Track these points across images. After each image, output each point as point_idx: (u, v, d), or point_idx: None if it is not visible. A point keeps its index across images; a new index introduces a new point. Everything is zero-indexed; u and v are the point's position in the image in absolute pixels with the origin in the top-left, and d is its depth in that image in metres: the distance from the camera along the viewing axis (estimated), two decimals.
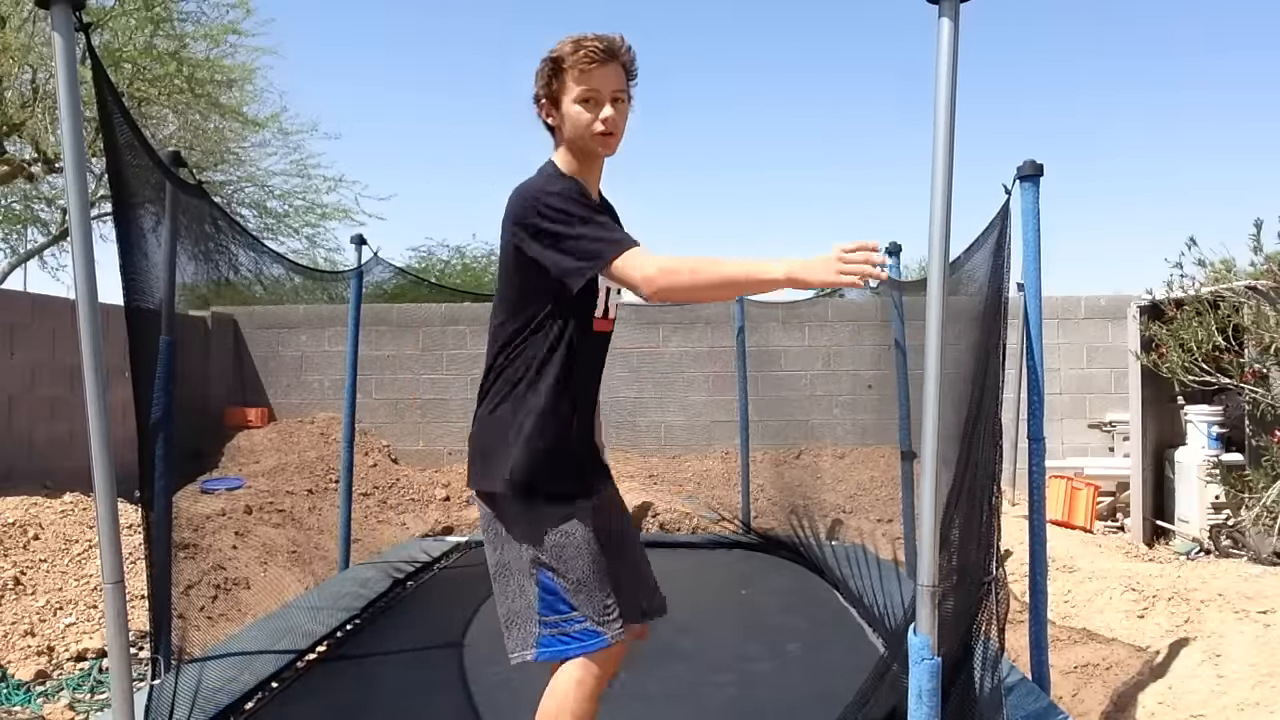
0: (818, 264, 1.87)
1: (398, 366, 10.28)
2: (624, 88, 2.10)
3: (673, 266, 1.94)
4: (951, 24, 1.88)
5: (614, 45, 2.07)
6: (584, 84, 2.06)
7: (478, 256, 16.40)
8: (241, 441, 9.65)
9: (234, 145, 11.45)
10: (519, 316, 2.11)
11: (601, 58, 2.05)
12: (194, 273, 3.63)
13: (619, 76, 2.09)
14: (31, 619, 4.66)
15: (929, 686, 1.94)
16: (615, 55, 2.07)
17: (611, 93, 2.08)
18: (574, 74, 2.06)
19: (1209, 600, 4.59)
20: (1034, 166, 3.34)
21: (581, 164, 2.16)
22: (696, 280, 1.94)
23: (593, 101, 2.07)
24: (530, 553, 2.08)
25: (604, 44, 2.05)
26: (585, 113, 2.08)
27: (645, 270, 1.95)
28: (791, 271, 1.89)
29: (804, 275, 1.88)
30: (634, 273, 1.96)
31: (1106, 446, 8.76)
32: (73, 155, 2.19)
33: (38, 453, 7.61)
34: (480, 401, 2.18)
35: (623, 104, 2.11)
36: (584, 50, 2.04)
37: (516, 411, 2.10)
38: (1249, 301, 5.63)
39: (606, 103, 2.07)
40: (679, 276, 1.94)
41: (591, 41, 2.05)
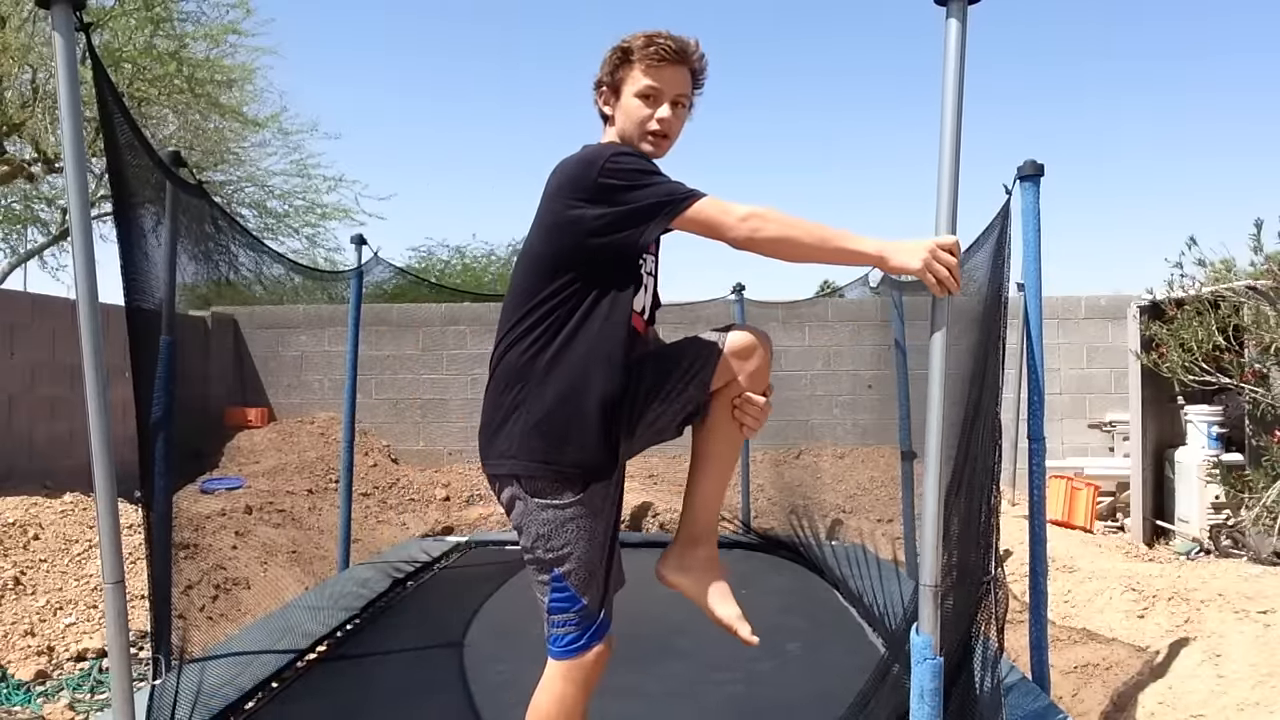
0: (909, 249, 1.82)
1: (398, 366, 10.29)
2: (687, 92, 2.05)
3: (762, 212, 1.87)
4: (959, 25, 1.88)
5: (686, 48, 2.02)
6: (649, 78, 2.01)
7: (478, 256, 16.42)
8: (241, 441, 9.65)
9: (234, 145, 11.46)
10: (549, 284, 1.98)
11: (672, 57, 2.00)
12: (194, 273, 3.63)
13: (685, 80, 2.04)
14: (31, 619, 4.66)
15: (931, 686, 1.93)
16: (686, 58, 2.03)
17: (674, 94, 2.03)
18: (641, 66, 2.02)
19: (1209, 600, 4.59)
20: (1034, 166, 3.34)
21: None
22: (787, 232, 1.86)
23: (653, 98, 2.02)
24: (539, 540, 1.99)
25: (676, 44, 2.01)
26: (644, 108, 2.02)
27: (735, 212, 1.87)
28: (883, 251, 1.85)
29: (894, 257, 1.84)
30: (722, 215, 1.88)
31: (1106, 446, 8.76)
32: (73, 155, 2.19)
33: (38, 453, 7.61)
34: (491, 376, 2.06)
35: (682, 109, 2.06)
36: (655, 45, 2.00)
37: (531, 386, 1.98)
38: (1249, 301, 5.63)
39: (666, 102, 2.02)
40: (769, 223, 1.86)
41: (665, 39, 2.01)
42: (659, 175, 1.97)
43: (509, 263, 16.33)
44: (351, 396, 5.89)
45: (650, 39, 2.00)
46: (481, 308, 10.63)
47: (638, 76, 2.02)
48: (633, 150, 2.02)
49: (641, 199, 1.90)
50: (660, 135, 2.02)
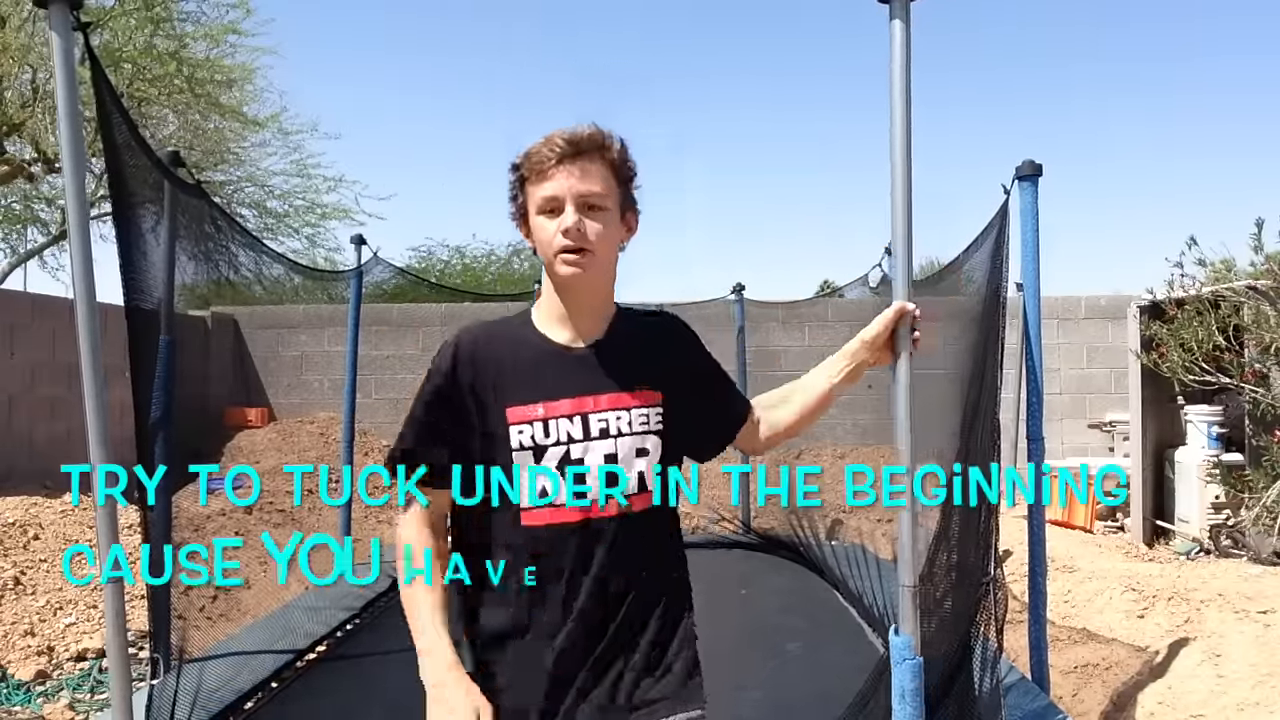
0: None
1: (398, 366, 10.28)
2: (601, 189, 1.59)
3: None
4: (904, 25, 1.85)
5: (579, 138, 1.58)
6: (541, 189, 1.59)
7: (478, 256, 16.42)
8: (241, 441, 9.65)
9: (234, 145, 11.46)
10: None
11: (561, 153, 1.57)
12: (194, 273, 3.64)
13: (594, 176, 1.59)
14: (31, 619, 4.66)
15: (912, 686, 1.93)
16: (583, 149, 1.58)
17: (577, 196, 1.57)
18: (532, 180, 1.61)
19: (1209, 600, 4.59)
20: (1033, 166, 3.34)
21: (562, 296, 1.65)
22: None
23: (554, 210, 1.58)
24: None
25: (566, 138, 1.58)
26: (546, 225, 1.59)
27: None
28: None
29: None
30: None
31: (1106, 446, 8.76)
32: (72, 155, 2.19)
33: (38, 453, 7.61)
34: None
35: (602, 211, 1.59)
36: (537, 150, 1.60)
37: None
38: (1249, 301, 5.63)
39: (570, 206, 1.57)
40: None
41: (549, 137, 1.60)
42: (409, 422, 1.71)
43: (508, 263, 16.34)
44: (351, 396, 5.89)
45: (530, 149, 1.62)
46: (481, 308, 10.63)
47: (532, 193, 1.61)
48: (430, 370, 1.71)
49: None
50: (574, 250, 1.57)
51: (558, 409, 1.61)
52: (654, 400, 1.66)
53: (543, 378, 1.63)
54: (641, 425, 1.64)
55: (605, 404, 1.63)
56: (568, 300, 1.65)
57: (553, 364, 1.65)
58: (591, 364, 1.65)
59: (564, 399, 1.62)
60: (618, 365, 1.66)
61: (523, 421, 1.61)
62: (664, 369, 1.70)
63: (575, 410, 1.62)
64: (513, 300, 10.67)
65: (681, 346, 1.76)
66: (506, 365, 1.65)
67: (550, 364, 1.65)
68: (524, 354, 1.66)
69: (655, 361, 1.70)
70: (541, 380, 1.63)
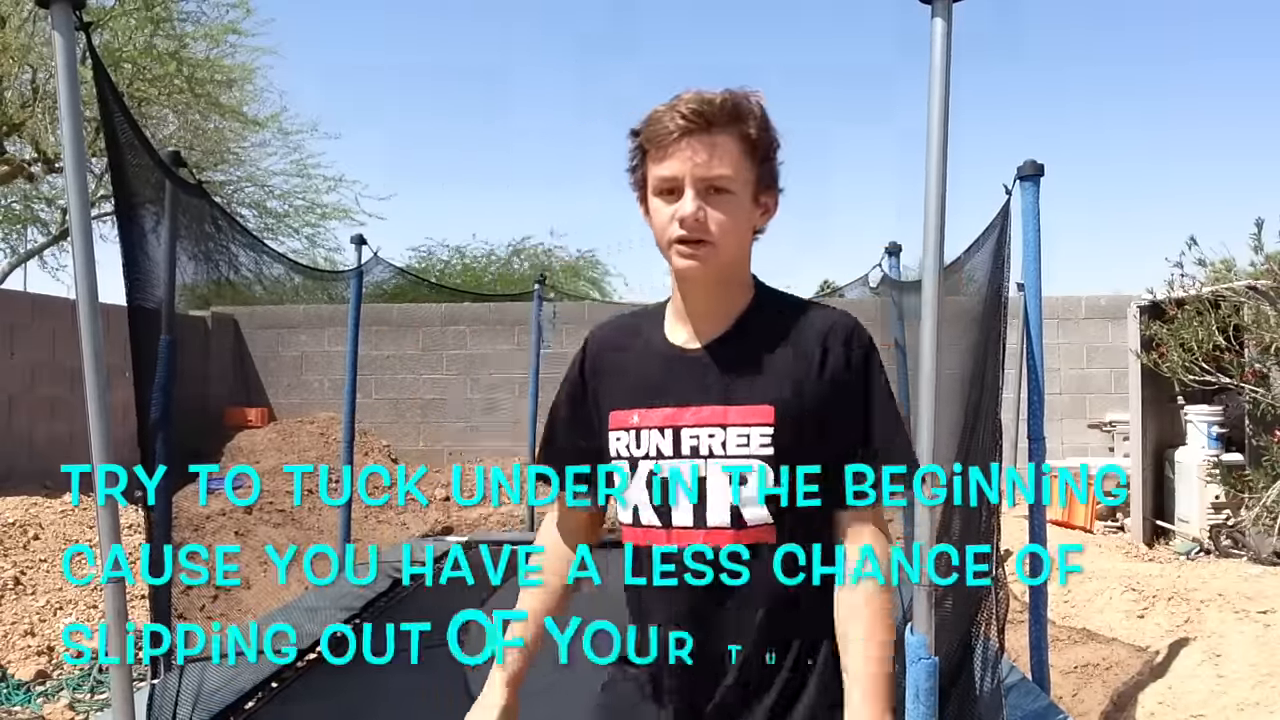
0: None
1: (398, 366, 10.29)
2: (730, 171, 1.33)
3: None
4: (945, 24, 1.87)
5: (708, 107, 1.33)
6: (659, 167, 1.35)
7: (478, 256, 16.41)
8: (241, 441, 9.66)
9: (234, 145, 11.47)
10: None
11: (684, 125, 1.32)
12: (194, 273, 3.64)
13: (721, 155, 1.33)
14: (31, 619, 4.66)
15: (926, 686, 1.93)
16: (710, 122, 1.33)
17: (699, 179, 1.33)
18: (652, 152, 1.36)
19: (1209, 600, 4.60)
20: (1034, 167, 3.35)
21: (681, 289, 1.44)
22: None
23: (674, 193, 1.35)
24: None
25: (693, 105, 1.32)
26: (664, 208, 1.36)
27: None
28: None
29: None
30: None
31: (1106, 446, 8.76)
32: (73, 155, 2.19)
33: (38, 453, 7.61)
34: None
35: (730, 196, 1.35)
36: (656, 118, 1.35)
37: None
38: (1249, 301, 5.63)
39: (690, 191, 1.33)
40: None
41: (672, 103, 1.35)
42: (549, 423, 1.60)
43: (508, 263, 16.33)
44: (351, 396, 5.90)
45: (653, 112, 1.37)
46: (481, 308, 10.64)
47: (651, 169, 1.37)
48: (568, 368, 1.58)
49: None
50: (692, 242, 1.34)
51: (650, 419, 1.41)
52: (761, 418, 1.36)
53: (646, 382, 1.44)
54: (740, 448, 1.36)
55: (700, 418, 1.38)
56: (686, 294, 1.43)
57: (659, 366, 1.44)
58: (699, 369, 1.41)
59: (660, 408, 1.40)
60: (728, 372, 1.39)
61: (619, 428, 1.43)
62: (791, 379, 1.37)
63: (667, 422, 1.39)
64: (513, 300, 10.68)
65: (828, 353, 1.38)
66: (620, 365, 1.48)
67: (657, 366, 1.44)
68: (638, 353, 1.47)
69: (780, 369, 1.38)
70: (644, 384, 1.44)
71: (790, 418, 1.35)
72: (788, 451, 1.35)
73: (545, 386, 8.47)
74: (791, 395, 1.36)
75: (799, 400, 1.36)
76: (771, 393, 1.36)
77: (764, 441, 1.35)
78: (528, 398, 8.21)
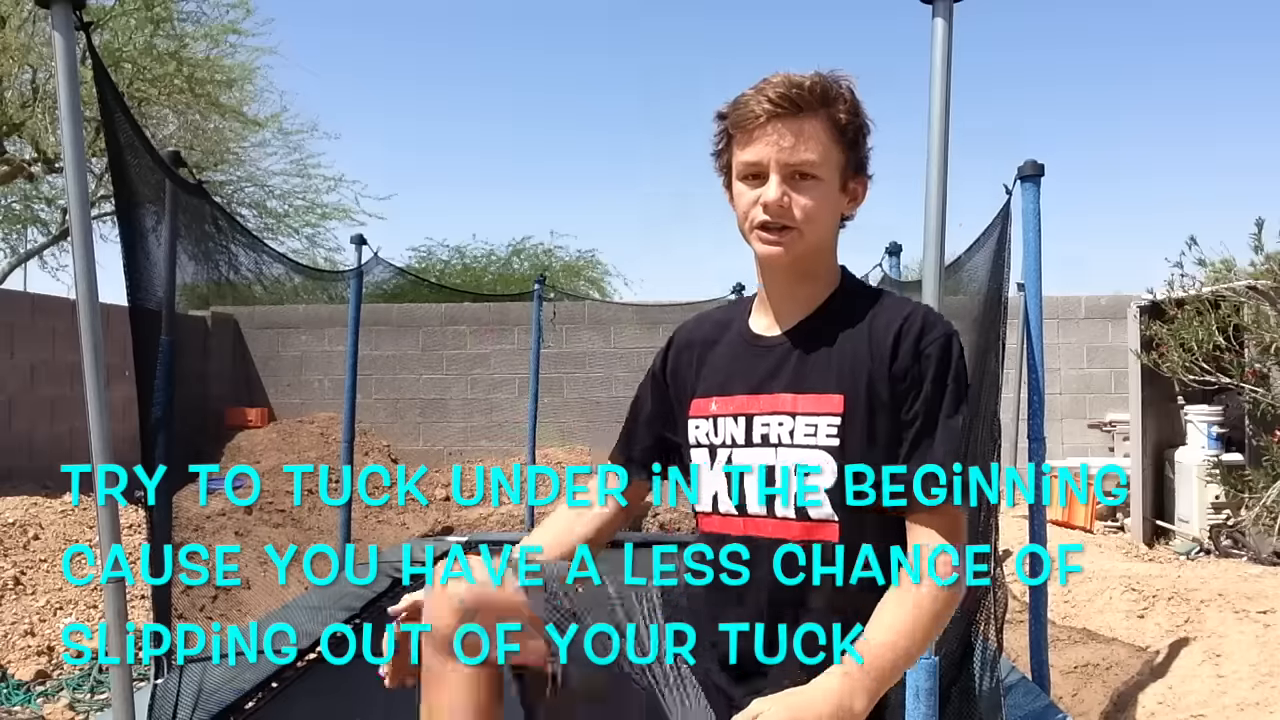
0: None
1: (398, 366, 10.28)
2: (816, 157, 1.32)
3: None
4: (945, 24, 1.88)
5: (796, 91, 1.31)
6: (744, 151, 1.34)
7: (478, 256, 16.41)
8: (241, 441, 9.66)
9: (234, 145, 11.47)
10: None
11: (771, 109, 1.30)
12: (194, 273, 3.64)
13: (808, 140, 1.31)
14: (31, 619, 4.66)
15: (926, 686, 1.94)
16: (798, 106, 1.31)
17: (784, 165, 1.31)
18: (738, 136, 1.35)
19: (1209, 600, 4.60)
20: (1035, 166, 3.35)
21: (763, 275, 1.43)
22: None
23: (758, 178, 1.34)
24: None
25: (780, 89, 1.31)
26: (747, 192, 1.35)
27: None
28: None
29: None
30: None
31: (1106, 446, 8.76)
32: (73, 155, 2.19)
33: (38, 453, 7.61)
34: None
35: (817, 183, 1.33)
36: (742, 101, 1.34)
37: None
38: (1249, 301, 5.64)
39: (775, 176, 1.32)
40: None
41: (759, 86, 1.33)
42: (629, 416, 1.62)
43: (508, 263, 16.33)
44: (351, 396, 5.90)
45: (740, 96, 1.34)
46: (481, 308, 10.63)
47: (737, 154, 1.36)
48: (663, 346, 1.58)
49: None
50: (774, 228, 1.33)
51: (727, 406, 1.40)
52: (829, 408, 1.33)
53: (725, 370, 1.44)
54: (807, 437, 1.33)
55: (771, 405, 1.36)
56: (768, 281, 1.42)
57: (738, 354, 1.44)
58: (775, 357, 1.39)
59: (736, 395, 1.40)
60: (801, 360, 1.37)
61: (699, 416, 1.44)
62: (864, 370, 1.34)
63: (741, 410, 1.39)
64: (513, 300, 10.68)
65: (900, 345, 1.33)
66: (703, 354, 1.48)
67: (736, 354, 1.44)
68: (721, 342, 1.47)
69: (852, 359, 1.35)
70: (722, 372, 1.44)
71: (859, 409, 1.32)
72: (855, 444, 1.32)
73: (545, 386, 8.48)
74: (862, 386, 1.33)
75: (869, 392, 1.32)
76: (842, 383, 1.33)
77: (830, 432, 1.32)
78: (528, 398, 8.21)
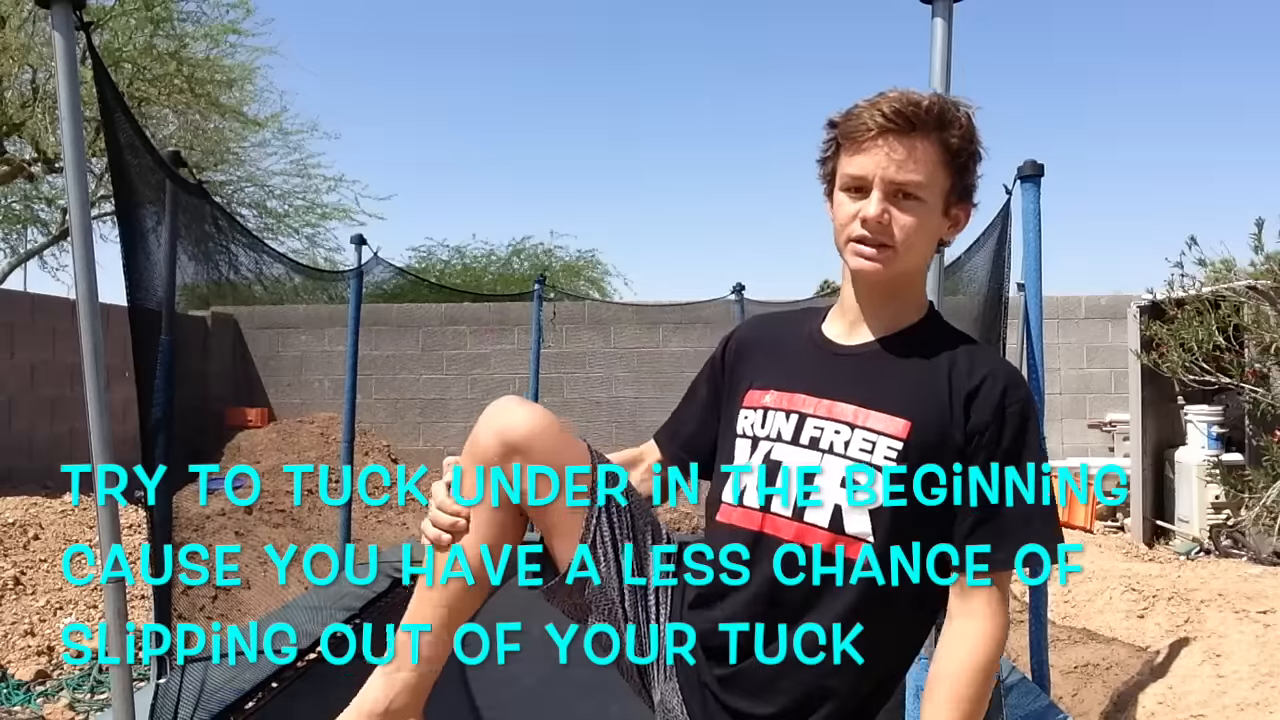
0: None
1: (398, 366, 10.29)
2: (923, 178, 1.30)
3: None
4: (945, 24, 1.89)
5: (911, 109, 1.28)
6: (849, 165, 1.33)
7: (478, 256, 16.42)
8: (241, 441, 9.66)
9: (234, 145, 11.46)
10: None
11: (884, 124, 1.28)
12: (194, 273, 3.64)
13: (917, 160, 1.29)
14: (31, 619, 4.66)
15: None
16: (913, 123, 1.28)
17: (889, 182, 1.29)
18: (847, 146, 1.34)
19: (1209, 600, 4.60)
20: (1034, 167, 3.35)
21: (852, 287, 1.41)
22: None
23: (860, 190, 1.32)
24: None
25: (895, 105, 1.28)
26: (847, 204, 1.34)
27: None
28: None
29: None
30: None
31: (1106, 446, 8.77)
32: (73, 155, 2.19)
33: (38, 453, 7.61)
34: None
35: (919, 204, 1.31)
36: (855, 113, 1.32)
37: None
38: (1249, 301, 5.64)
39: (877, 192, 1.30)
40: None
41: (874, 100, 1.31)
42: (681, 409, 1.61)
43: (508, 263, 16.34)
44: (351, 396, 5.90)
45: (854, 106, 1.33)
46: (481, 308, 10.64)
47: (843, 163, 1.35)
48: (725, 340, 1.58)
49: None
50: (871, 244, 1.31)
51: (781, 402, 1.38)
52: (893, 430, 1.31)
53: (788, 367, 1.42)
54: (863, 451, 1.31)
55: (830, 412, 1.35)
56: (857, 295, 1.40)
57: (806, 355, 1.43)
58: (846, 366, 1.38)
59: (795, 393, 1.38)
60: (874, 376, 1.36)
61: (750, 406, 1.42)
62: (937, 404, 1.32)
63: (796, 408, 1.37)
64: (513, 300, 10.69)
65: (977, 394, 1.31)
66: (767, 349, 1.48)
67: (803, 355, 1.43)
68: (788, 342, 1.47)
69: (928, 390, 1.33)
70: (785, 369, 1.42)
71: (924, 440, 1.30)
72: (910, 474, 1.29)
73: (545, 386, 8.47)
74: (931, 418, 1.31)
75: (939, 427, 1.30)
76: (912, 409, 1.31)
77: (889, 454, 1.30)
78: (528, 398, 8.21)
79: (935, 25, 1.90)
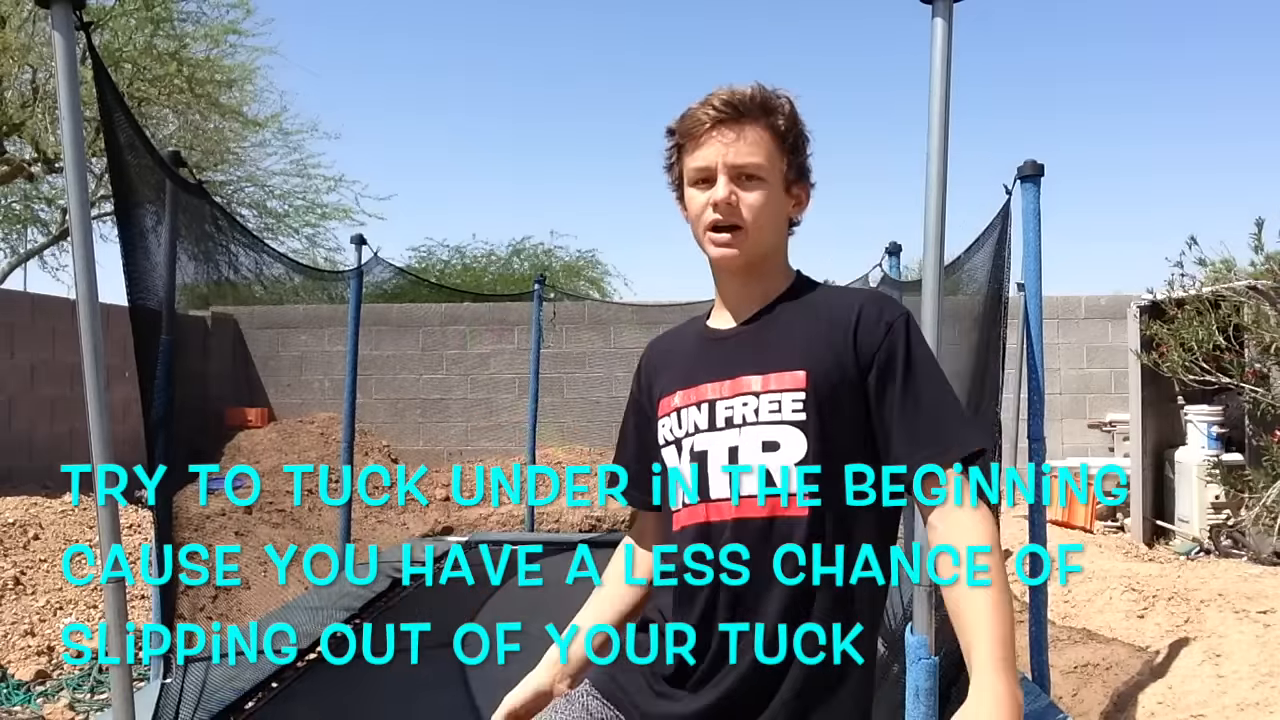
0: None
1: (398, 366, 10.29)
2: (761, 159, 1.39)
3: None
4: (945, 24, 1.88)
5: (737, 99, 1.39)
6: (694, 158, 1.42)
7: (478, 256, 16.42)
8: (241, 441, 9.66)
9: (234, 145, 11.47)
10: None
11: (715, 115, 1.38)
12: (194, 273, 3.64)
13: (751, 143, 1.39)
14: (31, 619, 4.66)
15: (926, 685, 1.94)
16: (741, 113, 1.39)
17: (731, 166, 1.38)
18: (687, 146, 1.43)
19: (1209, 600, 4.60)
20: (1034, 166, 3.35)
21: (718, 279, 1.50)
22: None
23: (706, 181, 1.41)
24: None
25: (723, 97, 1.39)
26: (698, 196, 1.42)
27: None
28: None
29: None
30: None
31: (1106, 446, 8.76)
32: (73, 155, 2.19)
33: (38, 453, 7.61)
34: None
35: (762, 183, 1.39)
36: (691, 111, 1.42)
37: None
38: (1249, 301, 5.64)
39: (722, 177, 1.39)
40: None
41: (706, 98, 1.41)
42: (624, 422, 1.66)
43: (508, 263, 16.34)
44: (351, 396, 5.90)
45: (687, 109, 1.43)
46: (481, 308, 10.64)
47: (687, 162, 1.44)
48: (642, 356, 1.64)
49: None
50: (726, 228, 1.39)
51: (688, 398, 1.44)
52: (793, 384, 1.36)
53: (687, 366, 1.48)
54: (772, 414, 1.36)
55: (734, 389, 1.40)
56: (723, 283, 1.48)
57: (697, 351, 1.50)
58: (732, 346, 1.45)
59: (698, 385, 1.44)
60: (759, 346, 1.42)
61: (665, 414, 1.48)
62: (824, 345, 1.38)
63: (704, 397, 1.42)
64: (513, 300, 10.68)
65: (858, 323, 1.37)
66: (667, 360, 1.55)
67: (695, 351, 1.50)
68: (682, 347, 1.55)
69: (813, 337, 1.39)
70: (683, 369, 1.49)
71: (824, 383, 1.35)
72: (822, 419, 1.34)
73: (545, 386, 8.47)
74: (825, 360, 1.37)
75: (833, 365, 1.36)
76: (804, 359, 1.37)
77: (796, 407, 1.35)
78: (528, 398, 8.21)
79: (935, 25, 1.89)
